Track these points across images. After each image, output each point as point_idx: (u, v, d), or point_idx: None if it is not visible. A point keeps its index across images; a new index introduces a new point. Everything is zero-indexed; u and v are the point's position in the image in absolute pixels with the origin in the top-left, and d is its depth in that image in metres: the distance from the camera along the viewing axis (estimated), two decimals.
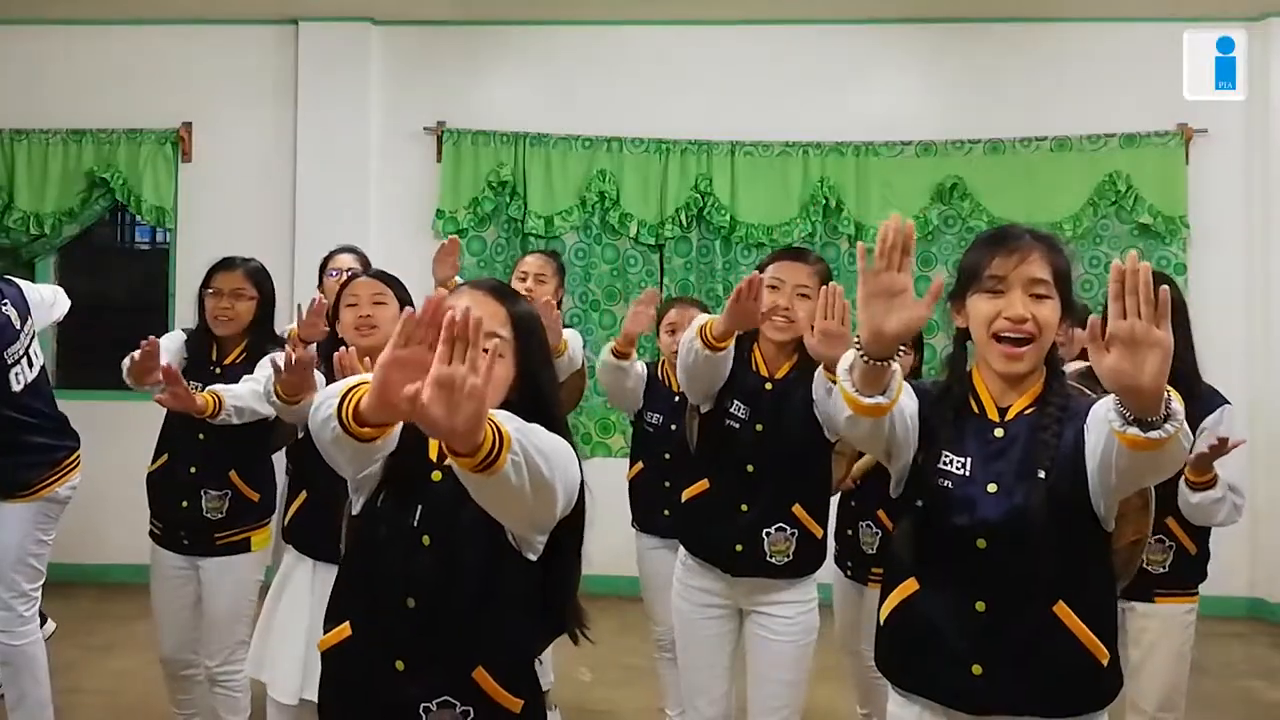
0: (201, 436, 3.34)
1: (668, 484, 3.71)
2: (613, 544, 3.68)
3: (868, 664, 3.64)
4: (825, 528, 2.92)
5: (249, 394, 3.18)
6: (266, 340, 3.47)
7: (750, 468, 2.86)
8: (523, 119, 6.40)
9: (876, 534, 3.58)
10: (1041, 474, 1.84)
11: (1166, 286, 1.49)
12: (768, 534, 2.84)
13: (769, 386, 2.87)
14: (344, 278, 3.61)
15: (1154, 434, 1.53)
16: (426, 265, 6.32)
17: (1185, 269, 6.10)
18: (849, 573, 3.68)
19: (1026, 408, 1.92)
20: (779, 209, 6.29)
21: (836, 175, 6.28)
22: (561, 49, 6.49)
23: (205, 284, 3.48)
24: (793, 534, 2.84)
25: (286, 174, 6.44)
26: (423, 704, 1.67)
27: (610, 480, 6.01)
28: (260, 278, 3.55)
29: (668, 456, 3.82)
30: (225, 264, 3.51)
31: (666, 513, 3.80)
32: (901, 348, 3.49)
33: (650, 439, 3.89)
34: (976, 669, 1.85)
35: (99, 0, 6.32)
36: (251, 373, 3.29)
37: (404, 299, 3.04)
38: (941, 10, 6.25)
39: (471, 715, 1.67)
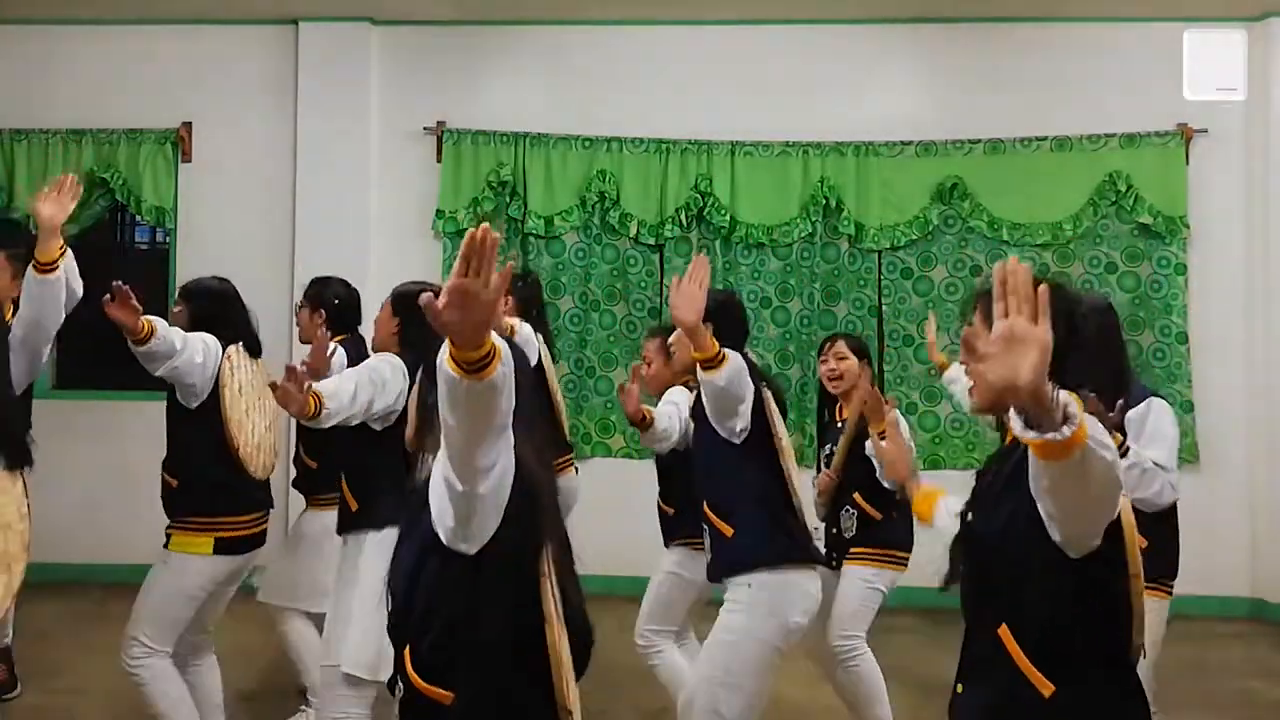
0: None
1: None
2: (612, 544, 3.70)
3: (832, 642, 3.76)
4: (738, 526, 3.06)
5: (184, 340, 3.27)
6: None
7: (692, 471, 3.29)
8: (523, 119, 6.40)
9: (853, 515, 3.78)
10: (974, 509, 1.95)
11: (1046, 287, 1.50)
12: (704, 531, 3.17)
13: (693, 391, 3.27)
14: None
15: (1050, 435, 1.50)
16: (426, 265, 6.37)
17: (1185, 269, 6.11)
18: (834, 564, 3.80)
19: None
20: (779, 209, 6.29)
21: (836, 175, 6.28)
22: (561, 49, 6.49)
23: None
24: (707, 531, 3.14)
25: (286, 174, 6.44)
26: (391, 678, 1.90)
27: (610, 480, 6.05)
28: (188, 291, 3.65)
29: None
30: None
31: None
32: (851, 352, 3.81)
33: None
34: (959, 688, 1.98)
35: (99, 0, 6.32)
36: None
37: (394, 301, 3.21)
38: (941, 10, 6.25)
39: (400, 690, 1.85)
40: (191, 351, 3.28)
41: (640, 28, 6.45)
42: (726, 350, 2.81)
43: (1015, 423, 1.54)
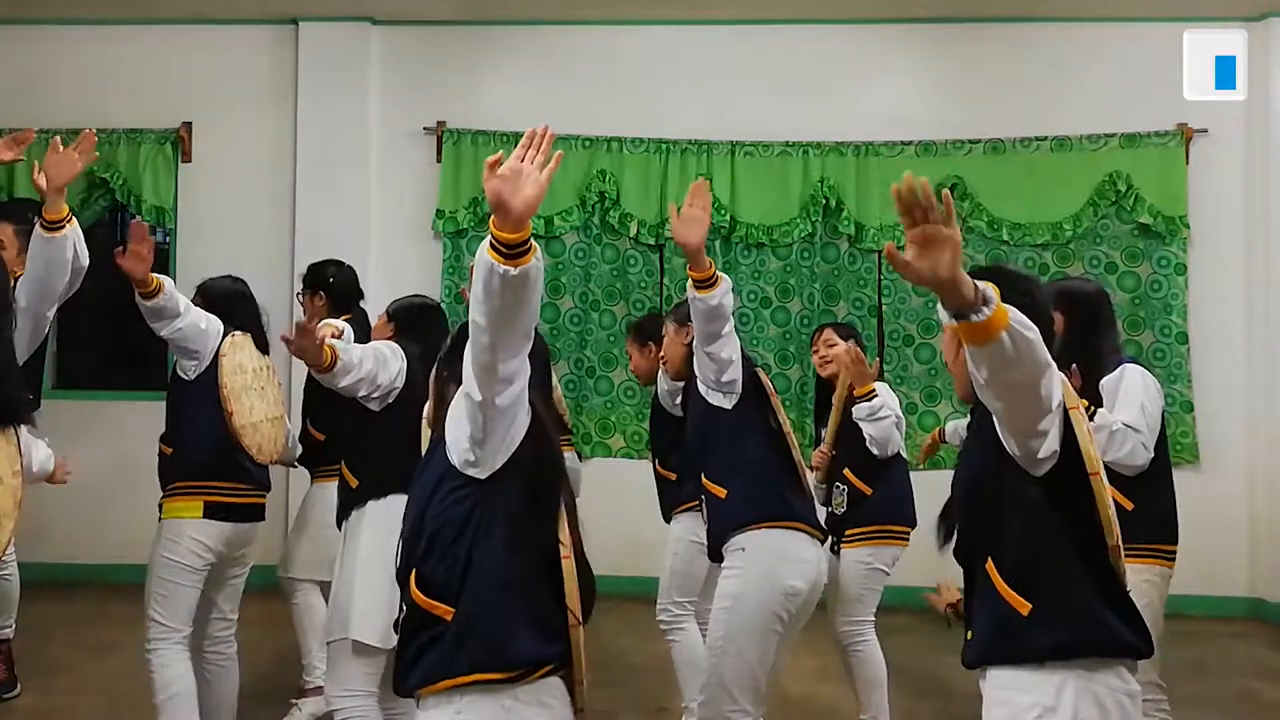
0: None
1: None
2: (612, 544, 3.70)
3: (837, 628, 3.78)
4: (731, 488, 3.12)
5: (189, 306, 3.34)
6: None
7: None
8: (523, 119, 6.34)
9: (844, 490, 3.81)
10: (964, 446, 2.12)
11: (948, 190, 1.71)
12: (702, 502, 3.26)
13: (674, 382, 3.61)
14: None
15: (975, 317, 1.68)
16: (426, 265, 6.38)
17: (1185, 269, 6.10)
18: (834, 548, 3.79)
19: None
20: (779, 209, 6.29)
21: (836, 175, 6.28)
22: (561, 49, 6.49)
23: None
24: (704, 501, 3.20)
25: (286, 174, 6.44)
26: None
27: (610, 480, 6.04)
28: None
29: None
30: None
31: None
32: (840, 338, 3.87)
33: None
34: (969, 634, 2.03)
35: (99, 0, 6.33)
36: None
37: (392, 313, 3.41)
38: (941, 10, 6.25)
39: (401, 613, 1.95)
40: (196, 317, 3.36)
41: (640, 28, 6.45)
42: (720, 273, 3.00)
43: (943, 314, 1.73)
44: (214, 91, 6.50)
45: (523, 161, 1.69)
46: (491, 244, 1.68)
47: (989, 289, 1.69)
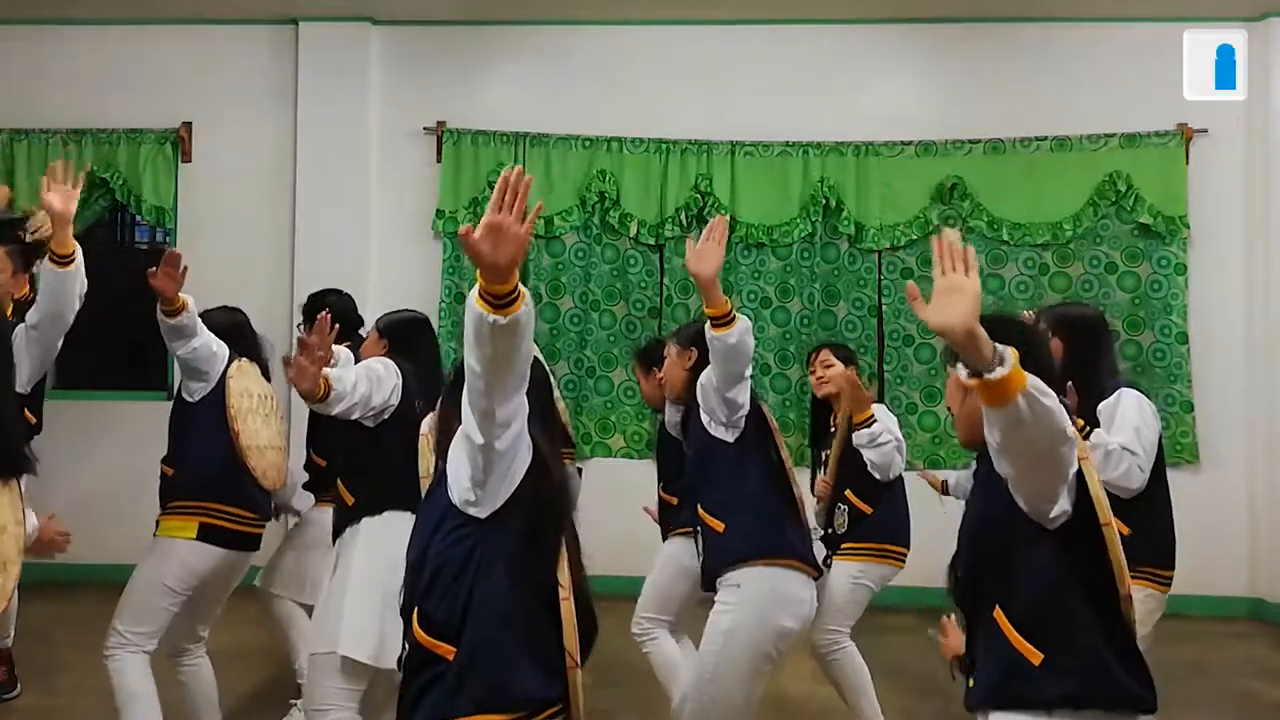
0: None
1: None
2: (612, 544, 3.70)
3: (814, 635, 3.76)
4: (730, 522, 3.08)
5: (204, 328, 3.36)
6: None
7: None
8: (523, 119, 6.39)
9: (845, 510, 3.83)
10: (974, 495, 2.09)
11: (972, 247, 1.76)
12: (696, 534, 3.22)
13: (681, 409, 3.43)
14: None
15: (989, 375, 1.69)
16: (426, 265, 6.39)
17: (1185, 269, 6.10)
18: (827, 564, 3.79)
19: None
20: (779, 209, 6.29)
21: (836, 175, 6.28)
22: (561, 49, 6.49)
23: None
24: (700, 533, 3.16)
25: (286, 174, 6.44)
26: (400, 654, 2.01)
27: (610, 480, 6.03)
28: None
29: None
30: None
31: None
32: (837, 359, 3.87)
33: None
34: (970, 682, 2.04)
35: (99, 0, 6.33)
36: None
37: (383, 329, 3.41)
38: (941, 10, 6.24)
39: (405, 651, 1.95)
40: (209, 339, 3.40)
41: (640, 28, 6.45)
42: (736, 312, 2.94)
43: (961, 371, 1.74)
44: (214, 91, 6.50)
45: (500, 212, 1.65)
46: (480, 294, 1.68)
47: (1007, 351, 1.70)
